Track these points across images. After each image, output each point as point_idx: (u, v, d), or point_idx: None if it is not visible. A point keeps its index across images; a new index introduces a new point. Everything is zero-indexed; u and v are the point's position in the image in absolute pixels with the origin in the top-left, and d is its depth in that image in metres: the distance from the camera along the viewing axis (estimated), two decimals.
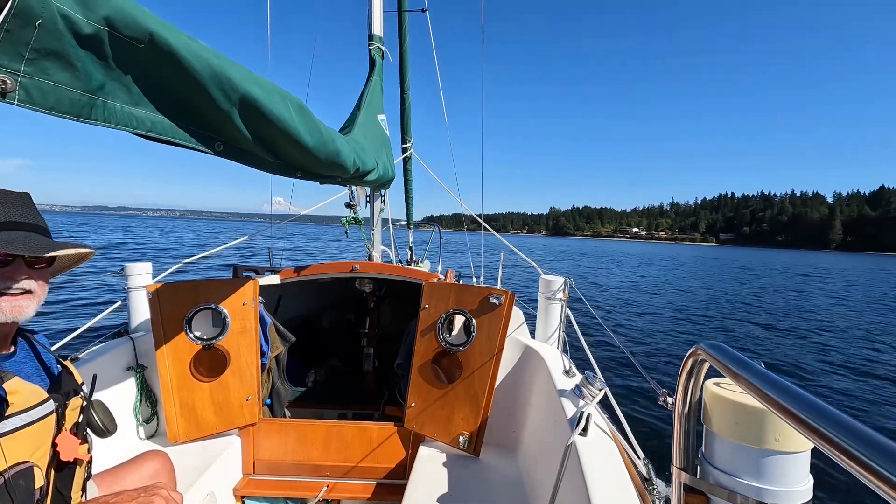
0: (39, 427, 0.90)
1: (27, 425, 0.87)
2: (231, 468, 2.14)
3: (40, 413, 0.91)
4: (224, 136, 1.12)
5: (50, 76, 0.68)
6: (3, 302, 0.93)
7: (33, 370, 1.03)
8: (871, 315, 14.80)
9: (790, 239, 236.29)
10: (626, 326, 10.89)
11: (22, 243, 0.90)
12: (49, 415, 0.93)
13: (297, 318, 3.55)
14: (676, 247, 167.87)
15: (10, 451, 0.83)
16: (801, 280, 29.48)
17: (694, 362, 0.86)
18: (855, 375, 7.64)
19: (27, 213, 0.98)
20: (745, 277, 29.47)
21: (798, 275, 34.73)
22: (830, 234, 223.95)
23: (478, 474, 1.94)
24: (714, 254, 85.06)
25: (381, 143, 2.85)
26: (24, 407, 0.87)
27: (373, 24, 3.38)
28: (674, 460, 0.91)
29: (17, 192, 0.98)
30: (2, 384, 0.85)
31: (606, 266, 33.38)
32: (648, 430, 4.79)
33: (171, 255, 19.89)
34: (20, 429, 0.86)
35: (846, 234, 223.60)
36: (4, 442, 0.82)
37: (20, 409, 0.87)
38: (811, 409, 0.54)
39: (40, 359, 1.07)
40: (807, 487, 0.79)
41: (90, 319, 2.27)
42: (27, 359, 1.04)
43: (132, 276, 2.36)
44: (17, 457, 0.85)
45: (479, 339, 2.01)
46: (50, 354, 1.09)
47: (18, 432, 0.85)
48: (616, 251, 72.08)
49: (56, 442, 0.95)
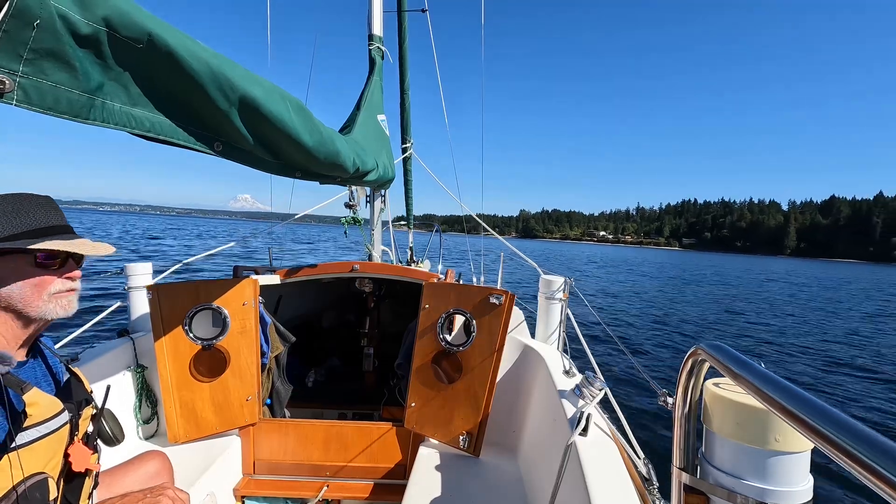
0: (54, 438, 0.90)
1: (44, 437, 0.87)
2: (231, 468, 2.14)
3: (56, 424, 0.91)
4: (223, 136, 1.12)
5: (48, 76, 0.68)
6: (64, 299, 0.98)
7: (41, 376, 1.03)
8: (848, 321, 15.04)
9: (748, 245, 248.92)
10: (626, 326, 10.90)
11: (88, 245, 0.98)
12: (64, 425, 0.93)
13: (297, 318, 3.55)
14: (642, 251, 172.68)
15: (26, 463, 0.83)
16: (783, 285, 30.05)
17: (694, 362, 0.86)
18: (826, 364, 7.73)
19: (61, 216, 1.02)
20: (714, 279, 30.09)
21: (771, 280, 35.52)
22: (785, 241, 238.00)
23: (478, 474, 1.94)
24: (677, 259, 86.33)
25: (381, 143, 2.84)
26: (42, 419, 0.88)
27: (373, 23, 3.38)
28: (674, 460, 0.90)
29: (44, 196, 1.01)
30: (21, 395, 0.85)
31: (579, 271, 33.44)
32: (648, 430, 4.79)
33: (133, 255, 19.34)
34: (37, 440, 0.86)
35: (800, 241, 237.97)
36: (22, 454, 0.82)
37: (38, 421, 0.87)
38: (811, 410, 0.54)
39: (47, 363, 1.06)
40: (807, 487, 0.79)
41: (90, 319, 2.27)
42: (36, 364, 1.04)
43: (132, 276, 2.36)
44: (33, 468, 0.85)
45: (480, 339, 2.01)
46: (56, 359, 1.09)
47: (36, 444, 0.86)
48: (581, 255, 72.16)
49: (69, 452, 0.95)
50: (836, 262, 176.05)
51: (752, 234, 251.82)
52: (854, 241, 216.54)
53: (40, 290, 0.95)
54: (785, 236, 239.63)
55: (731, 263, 76.07)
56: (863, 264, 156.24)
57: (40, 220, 0.96)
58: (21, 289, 0.93)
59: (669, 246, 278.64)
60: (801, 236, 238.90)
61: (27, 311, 0.94)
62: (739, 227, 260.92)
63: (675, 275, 34.61)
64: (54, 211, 1.00)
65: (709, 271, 40.24)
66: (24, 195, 0.98)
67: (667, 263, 57.49)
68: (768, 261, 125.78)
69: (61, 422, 0.92)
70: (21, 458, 0.82)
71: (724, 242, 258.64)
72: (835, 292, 27.20)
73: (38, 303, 0.94)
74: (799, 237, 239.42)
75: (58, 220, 1.00)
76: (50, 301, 0.96)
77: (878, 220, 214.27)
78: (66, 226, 1.00)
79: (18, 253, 0.92)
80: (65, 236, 0.97)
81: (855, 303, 20.99)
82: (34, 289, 0.94)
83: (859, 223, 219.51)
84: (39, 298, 0.95)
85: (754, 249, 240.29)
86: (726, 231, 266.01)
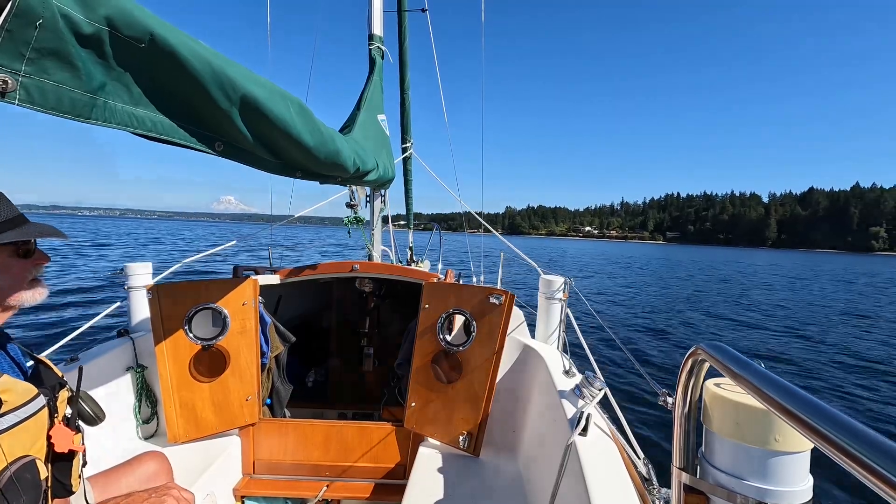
0: (34, 422, 0.92)
1: (22, 421, 0.89)
2: (231, 468, 2.14)
3: (33, 409, 0.93)
4: (224, 136, 1.12)
5: (51, 76, 0.68)
6: (39, 286, 1.02)
7: (7, 364, 1.04)
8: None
9: (730, 237, 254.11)
10: (626, 325, 10.90)
11: (50, 232, 1.00)
12: (41, 409, 0.95)
13: (297, 318, 3.55)
14: (627, 245, 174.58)
15: (9, 448, 0.85)
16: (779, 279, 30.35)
17: (694, 362, 0.86)
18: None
19: (14, 208, 1.04)
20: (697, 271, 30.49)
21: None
22: (766, 233, 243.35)
23: (478, 474, 1.94)
24: (661, 253, 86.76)
25: (381, 143, 2.85)
26: (18, 404, 0.89)
27: (373, 23, 3.38)
28: (674, 460, 0.91)
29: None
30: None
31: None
32: (648, 430, 4.79)
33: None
34: (15, 425, 0.88)
35: (780, 232, 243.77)
36: (3, 439, 0.84)
37: (14, 407, 0.88)
38: (811, 409, 0.54)
39: (7, 352, 1.07)
40: (807, 487, 0.79)
41: (90, 319, 2.27)
42: (1, 353, 1.05)
43: (132, 276, 2.36)
44: (17, 452, 0.87)
45: (479, 339, 2.01)
46: (15, 345, 1.10)
47: (14, 429, 0.87)
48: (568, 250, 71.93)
49: (50, 435, 0.97)
50: (816, 252, 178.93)
51: (734, 227, 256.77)
52: (833, 231, 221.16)
53: (21, 279, 0.98)
54: (766, 228, 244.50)
55: (715, 256, 76.84)
56: (842, 254, 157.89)
57: (7, 212, 0.98)
58: (4, 280, 0.95)
59: (654, 240, 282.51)
60: (782, 228, 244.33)
61: (8, 301, 0.97)
62: (722, 219, 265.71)
63: (660, 268, 34.97)
64: (8, 201, 1.02)
65: (694, 267, 40.26)
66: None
67: (653, 257, 57.62)
68: (751, 253, 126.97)
69: (37, 406, 0.94)
70: (2, 443, 0.84)
71: (707, 235, 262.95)
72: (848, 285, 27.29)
73: (18, 292, 0.98)
74: (780, 228, 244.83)
75: (15, 209, 1.02)
76: (28, 289, 1.00)
77: (854, 211, 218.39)
78: (22, 215, 1.03)
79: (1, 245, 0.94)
80: (31, 225, 1.00)
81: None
82: (15, 279, 0.97)
83: (837, 214, 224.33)
84: (20, 287, 0.98)
85: (736, 241, 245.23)
86: (709, 224, 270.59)
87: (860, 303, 18.41)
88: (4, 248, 0.96)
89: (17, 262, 0.98)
